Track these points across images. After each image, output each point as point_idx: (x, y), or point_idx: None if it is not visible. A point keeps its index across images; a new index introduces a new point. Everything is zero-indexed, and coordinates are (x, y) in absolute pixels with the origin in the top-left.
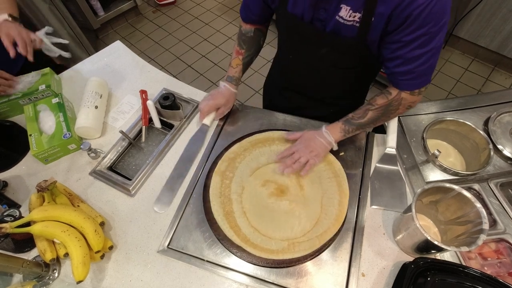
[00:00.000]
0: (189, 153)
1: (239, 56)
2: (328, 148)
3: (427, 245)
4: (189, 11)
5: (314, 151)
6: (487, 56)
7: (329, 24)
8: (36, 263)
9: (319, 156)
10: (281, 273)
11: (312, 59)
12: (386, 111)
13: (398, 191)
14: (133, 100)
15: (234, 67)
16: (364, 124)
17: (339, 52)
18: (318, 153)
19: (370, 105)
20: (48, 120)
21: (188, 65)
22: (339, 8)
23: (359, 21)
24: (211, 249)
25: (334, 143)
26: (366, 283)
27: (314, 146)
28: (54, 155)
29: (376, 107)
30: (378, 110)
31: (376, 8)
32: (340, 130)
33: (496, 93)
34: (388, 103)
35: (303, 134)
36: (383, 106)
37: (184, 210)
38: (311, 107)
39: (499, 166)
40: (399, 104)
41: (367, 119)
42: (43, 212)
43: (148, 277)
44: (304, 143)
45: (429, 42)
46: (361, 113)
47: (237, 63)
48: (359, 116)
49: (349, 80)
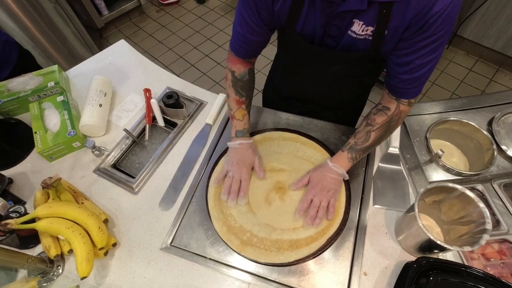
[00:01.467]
0: (192, 152)
1: (242, 106)
2: (341, 181)
3: (429, 244)
4: (193, 11)
5: (330, 190)
6: (492, 56)
7: (341, 41)
8: (41, 259)
9: (336, 192)
10: (283, 272)
11: (323, 75)
12: (388, 127)
13: (400, 191)
14: (137, 98)
15: (240, 119)
16: (369, 146)
17: (351, 65)
18: (335, 190)
19: (370, 126)
20: (53, 118)
21: (191, 64)
22: (352, 23)
23: (371, 35)
24: (214, 247)
25: (346, 174)
26: (368, 282)
27: (328, 185)
28: (58, 153)
29: (378, 127)
30: (380, 129)
31: (389, 22)
32: (348, 159)
33: (500, 94)
34: (389, 119)
35: (310, 177)
36: (385, 124)
37: (187, 208)
38: (315, 112)
39: (502, 167)
40: (399, 118)
41: (371, 141)
42: (47, 208)
43: (151, 274)
44: (317, 186)
45: (438, 48)
46: (363, 136)
47: (242, 113)
48: (362, 140)
49: (356, 86)
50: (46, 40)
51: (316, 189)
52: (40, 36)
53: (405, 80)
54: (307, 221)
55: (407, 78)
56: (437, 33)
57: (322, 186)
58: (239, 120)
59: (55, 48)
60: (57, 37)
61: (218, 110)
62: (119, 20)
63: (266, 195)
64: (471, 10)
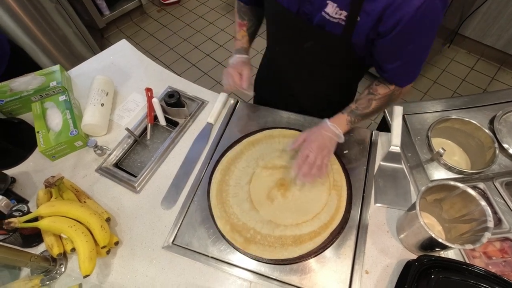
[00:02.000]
0: (194, 152)
1: (243, 28)
2: (336, 142)
3: (431, 242)
4: (194, 10)
5: (325, 149)
6: (493, 55)
7: (314, 19)
8: (44, 257)
9: (330, 152)
10: (284, 270)
11: (298, 52)
12: (389, 100)
13: (402, 189)
14: (139, 98)
15: (240, 39)
16: (369, 113)
17: (324, 47)
18: (329, 150)
19: (373, 95)
20: (55, 117)
21: (192, 64)
22: (325, 4)
23: (345, 20)
24: (215, 246)
25: (342, 137)
26: (370, 280)
27: (324, 144)
28: (61, 152)
29: (379, 97)
30: (381, 100)
31: (362, 6)
32: (347, 122)
33: (502, 92)
34: (391, 93)
35: (307, 135)
36: (386, 96)
37: (188, 207)
38: (301, 101)
39: (504, 165)
40: (400, 93)
41: (372, 109)
42: (50, 207)
43: (153, 273)
44: (314, 143)
45: (426, 41)
46: (365, 103)
47: (242, 34)
48: (363, 107)
49: (336, 76)
50: (48, 40)
51: (313, 146)
52: (42, 36)
53: (395, 72)
54: (300, 177)
55: (398, 72)
56: (420, 27)
57: (319, 144)
58: (238, 40)
59: (57, 48)
60: (58, 37)
61: (220, 109)
62: (120, 20)
63: (268, 192)
64: (473, 8)
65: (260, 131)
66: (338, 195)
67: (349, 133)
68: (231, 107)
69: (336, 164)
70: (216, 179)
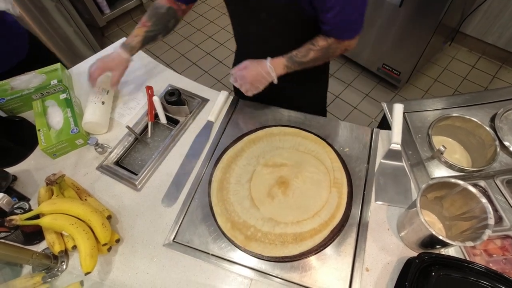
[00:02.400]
0: (195, 149)
1: (143, 28)
2: (269, 81)
3: (431, 240)
4: (194, 9)
5: (257, 83)
6: (495, 53)
7: None
8: (45, 255)
9: (260, 88)
10: (285, 267)
11: (256, 27)
12: (326, 53)
13: (403, 187)
14: (139, 96)
15: (134, 36)
16: (305, 62)
17: (278, 18)
18: (258, 87)
19: (312, 45)
20: (56, 115)
21: (193, 62)
22: None
23: None
24: (216, 243)
25: (275, 78)
26: (370, 278)
27: (257, 79)
28: (62, 150)
29: (318, 48)
30: (319, 51)
31: None
32: (283, 67)
33: (503, 90)
34: (328, 46)
35: (248, 65)
36: (324, 48)
37: (189, 205)
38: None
39: (505, 163)
40: (337, 48)
41: (309, 58)
42: (51, 205)
43: (154, 270)
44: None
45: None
46: (304, 52)
47: (138, 33)
48: (302, 55)
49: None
50: (48, 39)
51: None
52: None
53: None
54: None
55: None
56: None
57: (253, 80)
58: (132, 36)
59: (57, 46)
60: (59, 36)
61: (220, 107)
62: (121, 18)
63: (269, 189)
64: (474, 6)
65: (261, 129)
66: (339, 193)
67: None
68: (232, 105)
69: (337, 162)
70: (216, 177)
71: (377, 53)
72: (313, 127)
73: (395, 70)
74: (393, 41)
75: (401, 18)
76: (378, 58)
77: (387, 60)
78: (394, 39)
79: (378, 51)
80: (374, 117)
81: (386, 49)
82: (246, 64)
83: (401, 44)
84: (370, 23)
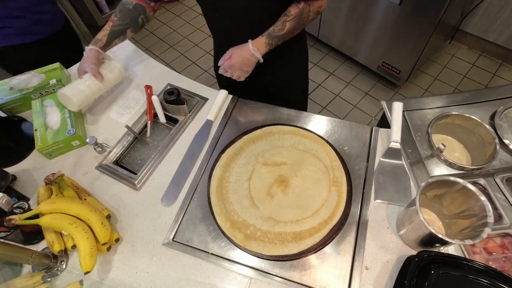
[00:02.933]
0: (194, 148)
1: (110, 23)
2: (255, 63)
3: (431, 238)
4: (193, 8)
5: (244, 68)
6: (495, 51)
7: None
8: (45, 254)
9: (249, 71)
10: (285, 266)
11: (233, 9)
12: (300, 19)
13: (402, 186)
14: (138, 95)
15: (101, 31)
16: (284, 35)
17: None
18: (247, 70)
19: (286, 16)
20: (53, 115)
21: (192, 61)
22: None
23: None
24: (216, 242)
25: (260, 57)
26: (370, 276)
27: (244, 63)
28: (58, 151)
29: (292, 17)
30: (294, 20)
31: None
32: (265, 45)
33: (503, 88)
34: (300, 12)
35: (232, 53)
36: (297, 15)
37: (188, 204)
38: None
39: (505, 161)
40: (309, 11)
41: (286, 30)
42: (51, 204)
43: (153, 269)
44: (236, 64)
45: None
46: (280, 25)
47: (105, 28)
48: (279, 29)
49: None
50: None
51: (236, 66)
52: None
53: None
54: (220, 70)
55: None
56: None
57: (241, 65)
58: (99, 33)
59: None
60: None
61: (219, 106)
62: None
63: (268, 188)
64: (474, 4)
65: (260, 128)
66: (338, 192)
67: None
68: (231, 104)
69: (336, 161)
70: (216, 176)
71: (377, 52)
72: (312, 125)
73: (395, 69)
74: (393, 39)
75: (401, 16)
76: (378, 57)
77: (387, 58)
78: (394, 37)
79: (377, 50)
80: (374, 115)
81: (386, 47)
82: (231, 52)
83: (401, 42)
84: (370, 21)
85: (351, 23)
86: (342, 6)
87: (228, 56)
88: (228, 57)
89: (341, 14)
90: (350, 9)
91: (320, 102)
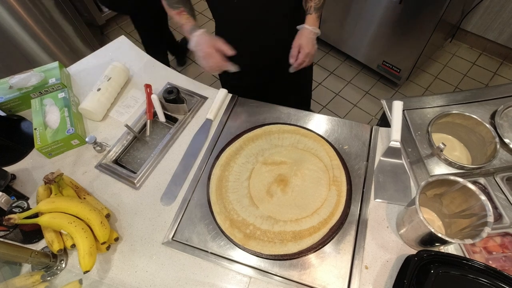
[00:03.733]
0: (193, 147)
1: (182, 14)
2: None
3: (430, 237)
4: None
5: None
6: (496, 50)
7: None
8: (44, 253)
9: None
10: (284, 265)
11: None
12: None
13: (402, 185)
14: (138, 94)
15: (186, 22)
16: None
17: None
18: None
19: None
20: (53, 114)
21: (192, 60)
22: None
23: None
24: (215, 241)
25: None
26: (369, 275)
27: (313, 44)
28: (57, 150)
29: None
30: None
31: None
32: (316, 19)
33: (503, 87)
34: None
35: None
36: None
37: (188, 203)
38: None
39: (505, 160)
40: None
41: None
42: (50, 203)
43: (153, 268)
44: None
45: None
46: None
47: (185, 18)
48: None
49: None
50: (47, 37)
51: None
52: (41, 33)
53: None
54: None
55: None
56: None
57: (311, 48)
58: (186, 23)
59: (56, 45)
60: (58, 34)
61: (219, 105)
62: (120, 17)
63: (268, 188)
64: (475, 2)
65: (259, 127)
66: (338, 191)
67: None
68: (231, 103)
69: (336, 160)
70: (215, 175)
71: (377, 50)
72: (312, 124)
73: (395, 67)
74: (393, 38)
75: (402, 14)
76: (378, 55)
77: (387, 57)
78: (394, 36)
79: (378, 48)
80: (374, 114)
81: (386, 46)
82: (299, 43)
83: (401, 41)
84: (370, 20)
85: (351, 22)
86: (342, 5)
87: (297, 48)
88: (297, 49)
89: (341, 13)
90: (351, 8)
91: (320, 101)
